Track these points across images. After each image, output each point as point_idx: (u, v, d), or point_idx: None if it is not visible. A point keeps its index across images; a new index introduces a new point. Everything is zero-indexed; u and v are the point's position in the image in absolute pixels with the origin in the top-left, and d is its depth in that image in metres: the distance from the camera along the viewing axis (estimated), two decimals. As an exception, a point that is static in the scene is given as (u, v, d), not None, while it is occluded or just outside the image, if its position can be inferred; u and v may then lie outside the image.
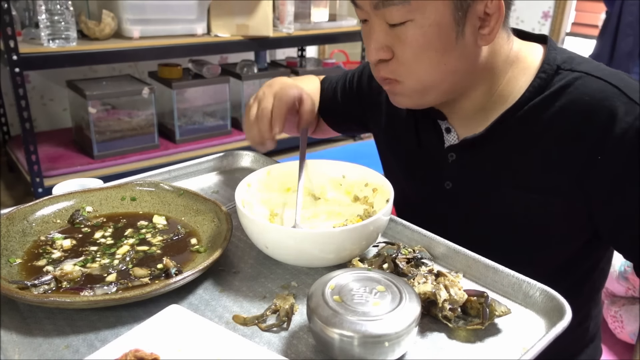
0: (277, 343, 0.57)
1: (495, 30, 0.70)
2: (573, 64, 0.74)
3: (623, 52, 2.81)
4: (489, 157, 0.78)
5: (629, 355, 1.71)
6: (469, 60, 0.72)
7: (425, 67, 0.71)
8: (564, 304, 0.59)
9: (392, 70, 0.73)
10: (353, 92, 1.01)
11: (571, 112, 0.71)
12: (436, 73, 0.72)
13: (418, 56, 0.70)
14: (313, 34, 3.01)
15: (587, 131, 0.70)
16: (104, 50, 2.33)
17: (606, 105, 0.69)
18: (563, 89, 0.73)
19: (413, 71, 0.72)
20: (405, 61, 0.71)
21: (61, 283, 0.62)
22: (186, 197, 0.79)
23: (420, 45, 0.69)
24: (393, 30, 0.70)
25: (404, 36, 0.69)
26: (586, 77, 0.72)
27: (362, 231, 0.65)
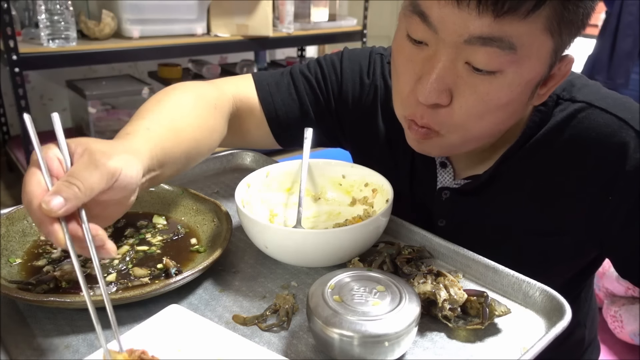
0: (277, 343, 0.57)
1: (550, 91, 0.64)
2: (573, 92, 0.69)
3: (623, 52, 2.81)
4: (489, 197, 0.73)
5: (629, 355, 1.71)
6: (519, 117, 0.66)
7: (484, 126, 0.62)
8: (564, 304, 0.59)
9: (441, 122, 0.62)
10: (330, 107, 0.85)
11: (577, 150, 0.67)
12: (490, 131, 0.63)
13: (485, 114, 0.60)
14: (313, 33, 3.01)
15: (596, 170, 0.66)
16: (103, 50, 2.32)
17: (615, 142, 0.65)
18: (565, 122, 0.68)
19: (468, 127, 0.62)
20: (465, 115, 0.60)
21: (61, 283, 0.62)
22: (186, 197, 0.79)
23: (496, 104, 0.59)
24: (471, 75, 0.57)
25: (482, 87, 0.57)
26: (589, 110, 0.67)
27: (362, 231, 0.65)
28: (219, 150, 0.91)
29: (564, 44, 0.59)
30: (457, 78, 0.58)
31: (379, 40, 0.95)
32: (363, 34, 3.18)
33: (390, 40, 0.70)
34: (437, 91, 0.58)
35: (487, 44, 0.54)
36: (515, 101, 0.60)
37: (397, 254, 0.68)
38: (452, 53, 0.57)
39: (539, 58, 0.57)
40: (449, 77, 0.58)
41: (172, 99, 0.71)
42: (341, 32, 3.11)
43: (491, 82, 0.57)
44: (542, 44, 0.56)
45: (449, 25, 0.55)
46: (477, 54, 0.56)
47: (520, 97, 0.60)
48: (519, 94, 0.59)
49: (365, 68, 0.85)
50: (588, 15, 0.58)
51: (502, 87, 0.58)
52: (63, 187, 0.47)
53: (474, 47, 0.55)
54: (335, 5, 3.28)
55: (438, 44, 0.57)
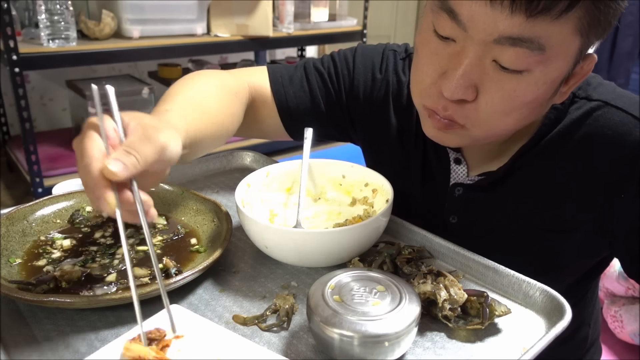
0: (277, 343, 0.57)
1: (571, 89, 0.64)
2: (589, 91, 0.69)
3: (623, 52, 2.81)
4: (503, 194, 0.73)
5: (629, 355, 1.71)
6: (542, 113, 0.67)
7: (508, 122, 0.62)
8: (564, 304, 0.59)
9: (466, 115, 0.62)
10: (342, 101, 0.86)
11: (592, 147, 0.67)
12: (512, 127, 0.64)
13: (511, 110, 0.60)
14: (313, 33, 3.01)
15: (610, 168, 0.66)
16: (103, 50, 2.32)
17: (630, 140, 0.65)
18: (581, 120, 0.68)
19: (494, 123, 0.62)
20: (491, 111, 0.60)
21: (61, 283, 0.62)
22: (186, 197, 0.79)
23: (521, 102, 0.59)
24: (498, 72, 0.57)
25: (509, 85, 0.57)
26: (605, 108, 0.67)
27: (362, 231, 0.65)
28: (219, 150, 0.91)
29: (590, 43, 0.59)
30: (483, 75, 0.58)
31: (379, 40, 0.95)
32: (363, 34, 3.18)
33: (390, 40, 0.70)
34: (463, 87, 0.58)
35: (517, 44, 0.54)
36: (540, 98, 0.60)
37: (397, 254, 0.68)
38: (479, 51, 0.57)
39: (566, 57, 0.57)
40: (475, 74, 0.58)
41: (197, 84, 0.74)
42: (341, 32, 3.11)
43: (518, 80, 0.57)
44: (570, 44, 0.56)
45: (479, 24, 0.55)
46: (505, 53, 0.55)
47: (545, 94, 0.60)
48: (544, 91, 0.59)
49: (377, 64, 0.85)
50: (615, 15, 0.58)
51: (529, 86, 0.58)
52: (124, 155, 0.49)
53: (503, 46, 0.55)
54: (335, 5, 3.28)
55: (466, 41, 0.57)
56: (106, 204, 0.49)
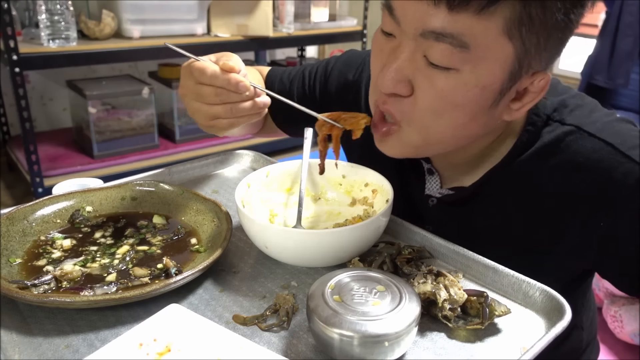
0: (277, 343, 0.57)
1: (525, 108, 0.63)
2: (564, 114, 0.68)
3: (623, 52, 2.81)
4: (474, 210, 0.74)
5: (629, 355, 1.71)
6: (488, 128, 0.65)
7: (442, 126, 0.62)
8: (564, 304, 0.59)
9: (402, 110, 0.62)
10: (315, 100, 0.88)
11: (565, 174, 0.66)
12: (450, 134, 0.63)
13: (443, 111, 0.60)
14: (313, 34, 3.01)
15: (585, 197, 0.65)
16: (104, 50, 2.32)
17: (603, 168, 0.64)
18: (553, 145, 0.67)
19: (426, 124, 0.62)
20: (423, 109, 0.61)
21: (61, 283, 0.62)
22: (186, 197, 0.79)
23: (452, 101, 0.59)
24: (428, 68, 0.58)
25: (439, 84, 0.58)
26: (578, 134, 0.66)
27: (362, 231, 0.65)
28: (219, 150, 0.91)
29: (529, 53, 0.57)
30: (416, 70, 0.59)
31: None
32: (363, 34, 3.18)
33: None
34: (394, 81, 0.60)
35: (440, 39, 0.55)
36: (472, 104, 0.60)
37: (397, 254, 0.68)
38: (412, 45, 0.59)
39: (497, 62, 0.57)
40: (409, 69, 0.60)
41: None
42: (341, 32, 3.11)
43: (447, 78, 0.58)
44: (500, 48, 0.56)
45: (409, 17, 0.57)
46: (432, 49, 0.57)
47: (479, 100, 0.59)
48: (476, 96, 0.59)
49: (354, 68, 0.87)
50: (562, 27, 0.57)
51: (457, 85, 0.58)
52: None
53: (430, 41, 0.56)
54: (335, 5, 3.28)
55: (402, 36, 0.59)
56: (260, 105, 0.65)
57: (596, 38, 3.00)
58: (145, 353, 0.49)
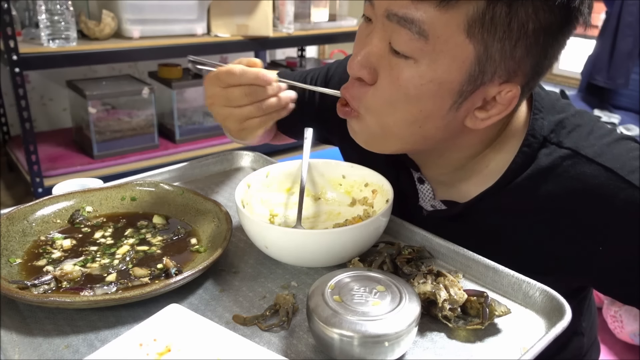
0: (277, 343, 0.57)
1: (491, 120, 0.62)
2: (561, 136, 0.67)
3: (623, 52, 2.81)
4: (467, 227, 0.73)
5: (629, 355, 1.71)
6: (449, 132, 0.64)
7: (396, 117, 0.62)
8: (564, 304, 0.58)
9: (361, 97, 0.63)
10: (315, 101, 0.90)
11: (563, 200, 0.65)
12: (404, 129, 0.63)
13: (397, 102, 0.60)
14: (313, 34, 3.01)
15: (583, 222, 0.65)
16: (103, 50, 2.33)
17: (602, 194, 0.63)
18: (551, 169, 0.66)
19: (382, 113, 0.63)
20: (381, 97, 0.61)
21: (61, 283, 0.62)
22: (186, 197, 0.79)
23: (405, 93, 0.59)
24: (390, 55, 0.59)
25: (396, 71, 0.59)
26: (575, 159, 0.65)
27: (362, 231, 0.65)
28: (219, 150, 0.91)
29: (492, 58, 0.57)
30: (380, 57, 0.60)
31: None
32: (363, 34, 3.18)
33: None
34: (360, 65, 0.61)
35: (402, 24, 0.56)
36: (427, 100, 0.59)
37: (397, 254, 0.68)
38: (381, 31, 0.60)
39: (455, 60, 0.57)
40: (375, 55, 0.61)
41: None
42: (341, 32, 3.10)
43: (404, 67, 0.58)
44: (459, 45, 0.56)
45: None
46: (395, 34, 0.58)
47: (434, 98, 0.59)
48: (431, 92, 0.59)
49: None
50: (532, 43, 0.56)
51: (413, 77, 0.58)
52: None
53: (394, 25, 0.57)
54: (335, 5, 3.28)
55: (376, 20, 0.60)
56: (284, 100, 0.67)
57: (596, 38, 3.00)
58: (145, 353, 0.49)
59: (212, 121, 2.92)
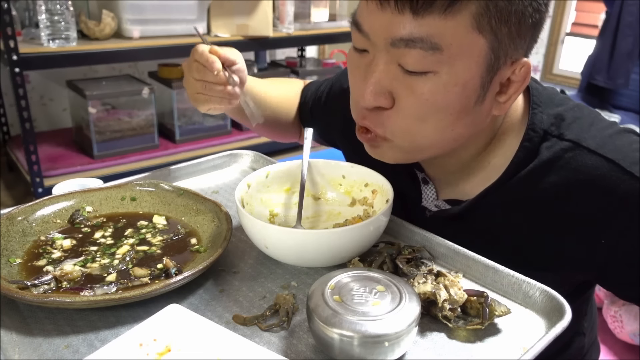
0: (277, 343, 0.57)
1: (512, 99, 0.62)
2: (562, 128, 0.67)
3: (623, 52, 2.81)
4: (470, 226, 0.73)
5: (629, 355, 1.71)
6: (477, 126, 0.64)
7: (428, 129, 0.61)
8: (564, 304, 0.59)
9: (384, 123, 0.63)
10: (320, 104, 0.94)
11: (565, 192, 0.65)
12: (438, 137, 0.63)
13: (427, 116, 0.60)
14: (313, 34, 3.01)
15: (585, 213, 0.64)
16: (104, 50, 2.33)
17: (603, 186, 0.63)
18: (552, 162, 0.66)
19: (411, 130, 0.62)
20: (407, 117, 0.60)
21: (61, 283, 0.62)
22: (186, 197, 0.79)
23: (434, 104, 0.59)
24: (405, 77, 0.58)
25: (419, 89, 0.58)
26: (577, 151, 0.65)
27: (362, 231, 0.65)
28: (219, 150, 0.91)
29: (503, 43, 0.57)
30: (393, 80, 0.59)
31: None
32: (363, 34, 3.18)
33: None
34: (374, 94, 0.60)
35: (410, 45, 0.56)
36: (455, 103, 0.59)
37: (397, 254, 0.68)
38: (385, 57, 0.59)
39: (472, 58, 0.57)
40: (386, 80, 0.60)
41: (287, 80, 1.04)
42: (341, 32, 3.10)
43: (425, 82, 0.58)
44: (472, 43, 0.56)
45: (376, 29, 0.58)
46: (405, 56, 0.57)
47: (461, 99, 0.59)
48: (457, 95, 0.58)
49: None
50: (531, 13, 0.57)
51: (437, 88, 0.58)
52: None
53: (402, 49, 0.56)
54: (335, 5, 3.28)
55: (374, 50, 0.60)
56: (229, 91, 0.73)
57: (596, 38, 3.00)
58: (145, 353, 0.49)
59: (212, 121, 2.92)
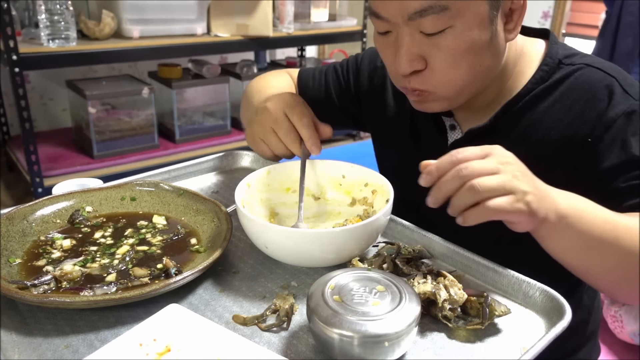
0: (277, 343, 0.57)
1: (518, 25, 0.72)
2: (574, 59, 0.77)
3: (623, 52, 2.80)
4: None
5: (629, 355, 1.71)
6: (499, 56, 0.73)
7: (462, 72, 0.70)
8: (564, 304, 0.59)
9: (425, 81, 0.72)
10: (350, 90, 0.98)
11: (570, 99, 0.74)
12: (472, 75, 0.71)
13: (457, 62, 0.69)
14: (313, 33, 3.01)
15: (584, 117, 0.73)
16: (103, 50, 2.32)
17: (602, 89, 0.73)
18: (563, 79, 0.76)
19: (449, 79, 0.71)
20: (442, 69, 0.70)
21: (61, 283, 0.62)
22: (186, 197, 0.79)
23: (461, 51, 0.68)
24: (429, 39, 0.68)
25: (443, 44, 0.68)
26: (586, 68, 0.75)
27: (362, 231, 0.65)
28: (219, 150, 0.91)
29: None
30: (421, 45, 0.69)
31: None
32: (363, 34, 3.18)
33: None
34: (408, 61, 0.69)
35: (424, 15, 0.65)
36: (476, 43, 0.68)
37: (397, 254, 0.68)
38: (406, 30, 0.68)
39: (476, 4, 0.66)
40: (414, 48, 0.69)
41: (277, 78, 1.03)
42: (341, 32, 3.10)
43: (446, 37, 0.67)
44: None
45: (393, 13, 0.68)
46: (423, 24, 0.67)
47: (479, 38, 0.68)
48: (475, 37, 0.68)
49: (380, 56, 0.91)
50: None
51: (458, 37, 0.67)
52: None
53: (418, 20, 0.66)
54: (335, 5, 3.28)
55: (395, 28, 0.70)
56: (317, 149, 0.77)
57: (596, 38, 3.00)
58: (145, 353, 0.49)
59: (212, 121, 2.92)
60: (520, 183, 0.58)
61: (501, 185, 0.57)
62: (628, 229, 0.63)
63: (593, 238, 0.63)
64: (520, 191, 0.58)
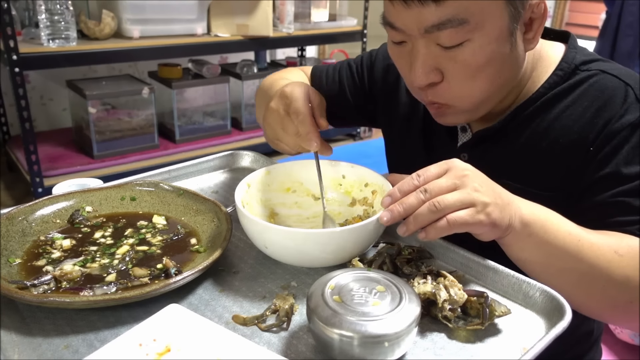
0: (277, 343, 0.57)
1: (538, 34, 0.70)
2: (591, 65, 0.75)
3: (623, 52, 2.80)
4: (501, 153, 0.77)
5: (629, 355, 1.71)
6: (519, 67, 0.72)
7: (480, 86, 0.69)
8: (564, 304, 0.58)
9: (442, 94, 0.71)
10: (365, 88, 0.98)
11: (581, 106, 0.72)
12: (491, 88, 0.70)
13: (475, 76, 0.68)
14: (313, 33, 3.01)
15: (593, 124, 0.71)
16: (103, 50, 2.32)
17: (616, 102, 0.70)
18: (577, 85, 0.74)
19: (466, 92, 0.69)
20: (459, 82, 0.68)
21: (61, 283, 0.62)
22: (186, 197, 0.79)
23: (479, 65, 0.66)
24: (446, 52, 0.66)
25: (460, 57, 0.66)
26: (601, 75, 0.73)
27: (362, 231, 0.65)
28: (219, 150, 0.91)
29: None
30: (437, 58, 0.67)
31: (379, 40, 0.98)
32: (363, 34, 3.18)
33: (390, 40, 0.73)
34: (424, 74, 0.68)
35: (441, 28, 0.64)
36: (495, 56, 0.66)
37: (397, 254, 0.68)
38: (422, 42, 0.66)
39: (495, 16, 0.64)
40: (430, 60, 0.67)
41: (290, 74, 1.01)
42: (341, 32, 3.10)
43: (464, 51, 0.65)
44: (491, 5, 0.63)
45: (408, 24, 0.66)
46: (440, 37, 0.65)
47: (500, 50, 0.66)
48: (494, 50, 0.66)
49: None
50: None
51: (475, 51, 0.65)
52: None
53: (434, 33, 0.64)
54: (335, 5, 3.28)
55: (411, 39, 0.68)
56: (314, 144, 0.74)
57: (596, 39, 3.00)
58: (145, 353, 0.49)
59: (212, 121, 2.92)
60: (480, 195, 0.59)
61: (459, 200, 0.59)
62: (592, 245, 0.62)
63: (555, 248, 0.63)
64: (481, 203, 0.59)
